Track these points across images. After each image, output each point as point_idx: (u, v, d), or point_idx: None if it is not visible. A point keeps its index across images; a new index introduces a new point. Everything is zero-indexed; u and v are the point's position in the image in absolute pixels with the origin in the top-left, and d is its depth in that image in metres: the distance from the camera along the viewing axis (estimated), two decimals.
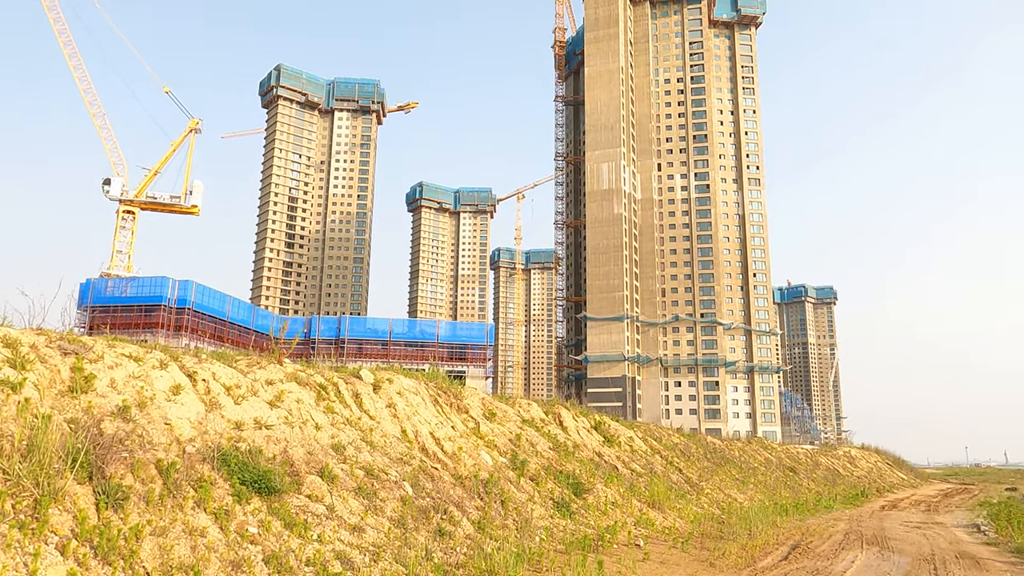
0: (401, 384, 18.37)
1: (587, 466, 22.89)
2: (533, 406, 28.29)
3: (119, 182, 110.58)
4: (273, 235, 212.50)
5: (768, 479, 43.60)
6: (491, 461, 17.45)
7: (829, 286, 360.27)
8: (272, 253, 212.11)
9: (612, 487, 22.81)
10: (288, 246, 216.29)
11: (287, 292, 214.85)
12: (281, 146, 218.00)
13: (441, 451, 16.51)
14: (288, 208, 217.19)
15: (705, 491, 31.11)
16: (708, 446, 43.48)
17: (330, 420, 15.14)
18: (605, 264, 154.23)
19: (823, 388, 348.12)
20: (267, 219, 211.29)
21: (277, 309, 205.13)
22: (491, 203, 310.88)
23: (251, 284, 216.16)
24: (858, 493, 53.50)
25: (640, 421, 43.95)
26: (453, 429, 18.35)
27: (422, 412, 17.62)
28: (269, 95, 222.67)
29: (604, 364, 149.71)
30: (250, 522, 11.02)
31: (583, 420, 30.59)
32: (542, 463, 20.58)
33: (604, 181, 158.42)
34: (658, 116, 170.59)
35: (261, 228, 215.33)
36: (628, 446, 31.02)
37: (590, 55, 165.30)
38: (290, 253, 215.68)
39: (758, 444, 57.65)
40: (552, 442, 24.40)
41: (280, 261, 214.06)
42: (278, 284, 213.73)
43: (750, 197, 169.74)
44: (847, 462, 79.12)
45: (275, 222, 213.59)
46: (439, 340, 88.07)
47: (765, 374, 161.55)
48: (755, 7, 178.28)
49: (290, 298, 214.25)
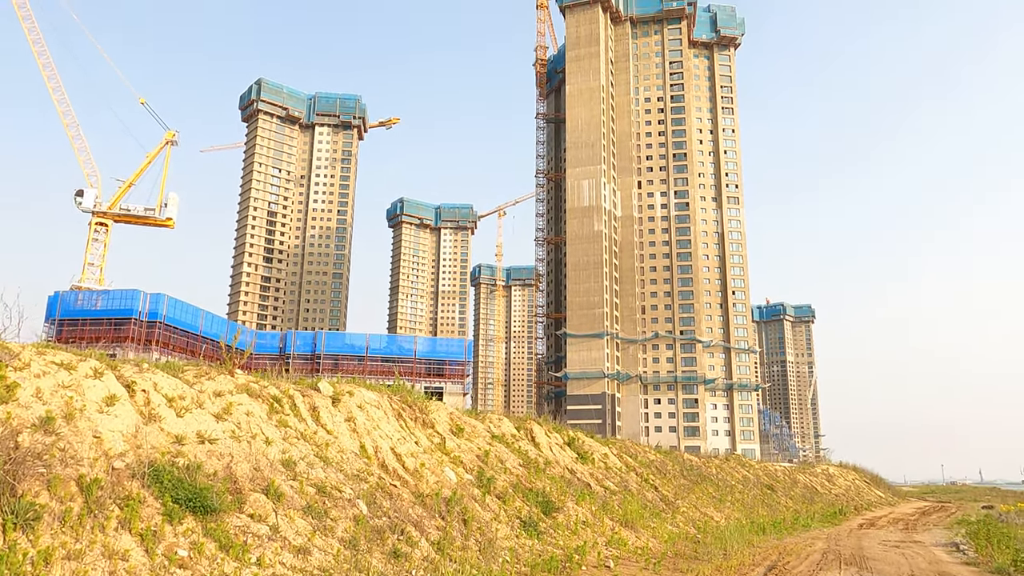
0: (362, 397, 17.52)
1: (558, 483, 22.12)
2: (504, 421, 27.50)
3: (92, 194, 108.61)
4: (251, 250, 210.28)
5: (746, 497, 42.97)
6: (455, 478, 16.65)
7: (807, 304, 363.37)
8: (250, 268, 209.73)
9: (584, 505, 22.06)
10: (266, 261, 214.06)
11: (264, 307, 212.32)
12: (261, 160, 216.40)
13: (402, 467, 15.67)
14: (267, 223, 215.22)
15: (681, 510, 30.37)
16: (685, 463, 42.78)
17: (282, 434, 14.29)
18: (585, 281, 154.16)
19: (801, 406, 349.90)
20: (245, 233, 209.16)
21: (254, 324, 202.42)
22: (472, 219, 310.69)
23: (228, 299, 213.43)
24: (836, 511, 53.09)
25: (617, 438, 43.21)
26: (416, 444, 17.51)
27: (383, 426, 16.79)
28: (249, 109, 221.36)
29: (584, 381, 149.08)
30: (180, 544, 10.15)
31: (556, 436, 29.80)
32: (511, 480, 19.77)
33: (584, 198, 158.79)
34: (638, 134, 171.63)
35: (239, 243, 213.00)
36: (602, 463, 30.27)
37: (571, 73, 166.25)
38: (268, 268, 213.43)
39: (736, 462, 57.10)
40: (523, 458, 23.62)
41: (258, 276, 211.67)
42: (255, 299, 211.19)
43: (729, 215, 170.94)
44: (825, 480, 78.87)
45: (253, 236, 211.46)
46: (417, 356, 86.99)
47: (744, 392, 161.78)
48: (734, 28, 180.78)
49: (267, 313, 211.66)
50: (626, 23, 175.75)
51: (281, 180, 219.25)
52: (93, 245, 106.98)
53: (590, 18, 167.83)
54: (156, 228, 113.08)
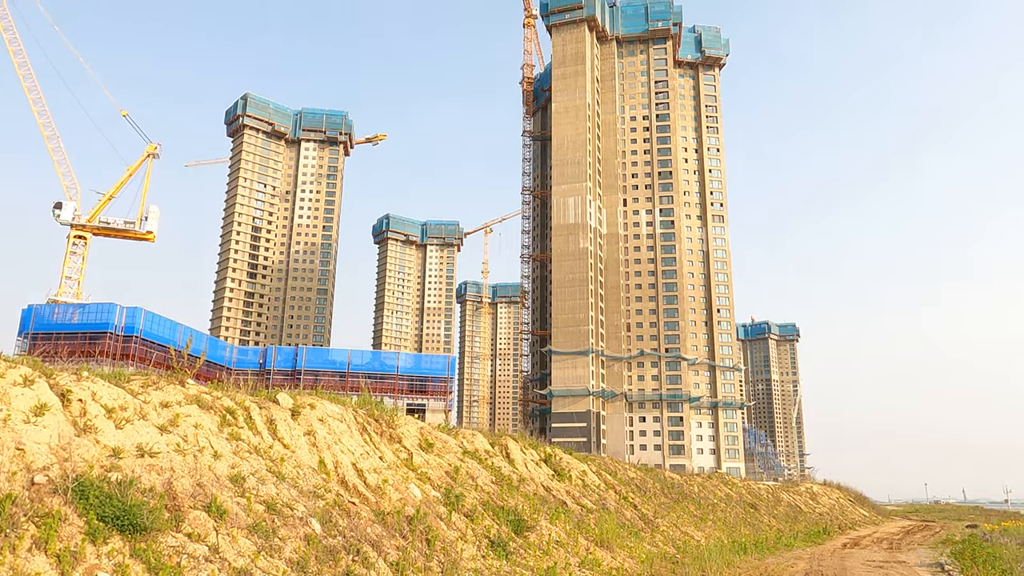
0: (325, 410, 16.71)
1: (532, 501, 21.33)
2: (478, 437, 26.78)
3: (71, 206, 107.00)
4: (235, 265, 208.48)
5: (728, 516, 42.19)
6: (420, 495, 15.85)
7: (792, 323, 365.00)
8: (233, 283, 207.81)
9: (558, 524, 21.26)
10: (250, 276, 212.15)
11: (248, 323, 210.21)
12: (246, 175, 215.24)
13: (363, 484, 14.86)
14: (251, 238, 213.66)
15: (660, 528, 29.57)
16: (666, 481, 41.97)
17: (233, 448, 13.47)
18: (570, 298, 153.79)
19: (787, 424, 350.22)
20: (229, 248, 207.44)
21: (237, 340, 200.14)
22: (458, 236, 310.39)
23: (211, 314, 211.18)
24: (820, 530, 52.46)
25: (597, 455, 42.36)
26: (381, 460, 16.68)
27: (346, 441, 15.98)
28: (235, 124, 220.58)
29: (569, 399, 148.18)
30: (103, 566, 9.31)
31: (532, 452, 28.97)
32: (481, 498, 18.96)
33: (570, 215, 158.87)
34: (624, 152, 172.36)
35: (223, 258, 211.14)
36: (580, 480, 29.46)
37: (557, 91, 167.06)
38: (252, 283, 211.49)
39: (718, 480, 56.37)
40: (495, 475, 22.82)
41: (242, 291, 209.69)
42: (239, 315, 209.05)
43: (714, 234, 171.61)
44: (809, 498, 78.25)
45: (237, 252, 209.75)
46: (399, 372, 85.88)
47: (729, 410, 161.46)
48: (719, 49, 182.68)
49: (251, 329, 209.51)
50: (612, 42, 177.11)
51: (266, 195, 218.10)
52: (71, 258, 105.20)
53: (576, 37, 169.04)
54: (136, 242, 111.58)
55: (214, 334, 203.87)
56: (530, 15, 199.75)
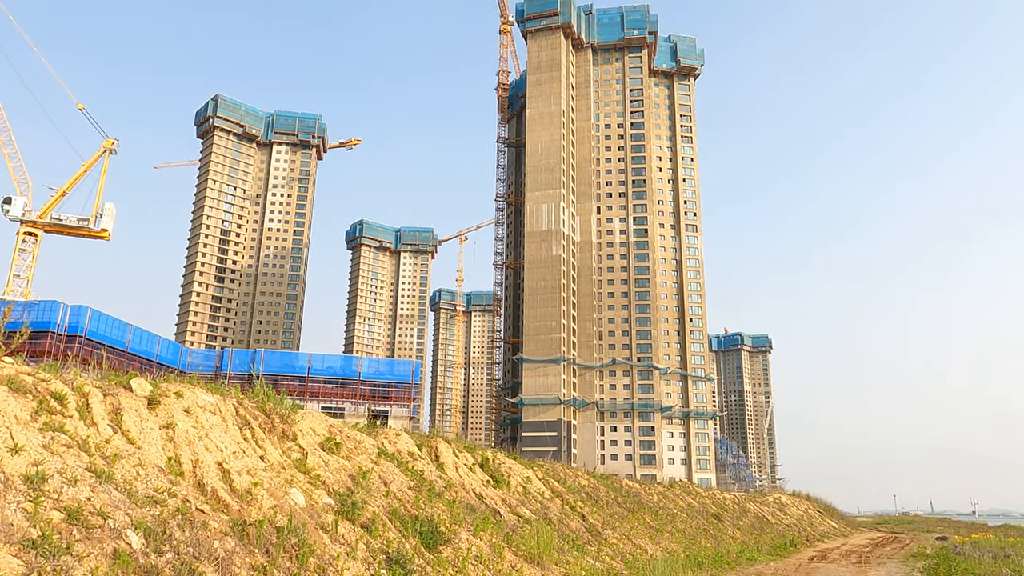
0: (195, 400, 14.11)
1: (457, 510, 18.86)
2: (403, 438, 24.24)
3: (21, 201, 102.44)
4: (203, 268, 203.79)
5: (688, 527, 39.83)
6: (304, 502, 13.33)
7: (764, 335, 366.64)
8: (200, 287, 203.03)
9: (483, 536, 18.95)
10: (218, 280, 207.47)
11: (215, 327, 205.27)
12: (215, 177, 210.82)
13: (227, 488, 12.28)
14: (220, 241, 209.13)
15: (609, 541, 27.14)
16: (622, 490, 39.54)
17: (45, 441, 10.88)
18: (543, 305, 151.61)
19: (758, 436, 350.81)
20: (197, 252, 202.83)
21: (204, 345, 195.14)
22: (432, 243, 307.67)
23: (177, 318, 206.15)
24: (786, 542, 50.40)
25: (546, 461, 39.88)
26: (262, 460, 14.11)
27: (216, 437, 13.41)
28: (205, 125, 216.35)
29: (540, 407, 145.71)
30: None
31: (466, 456, 26.56)
32: (389, 506, 16.48)
33: (544, 222, 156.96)
34: (598, 160, 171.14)
35: (190, 261, 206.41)
36: (521, 488, 26.95)
37: (532, 97, 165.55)
38: (220, 287, 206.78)
39: (681, 489, 54.10)
40: (416, 480, 20.52)
41: (209, 296, 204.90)
42: (205, 319, 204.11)
43: (687, 243, 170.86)
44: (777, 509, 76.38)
45: (205, 255, 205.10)
46: (361, 377, 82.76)
47: (700, 420, 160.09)
48: (694, 59, 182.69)
49: (218, 334, 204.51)
50: (588, 50, 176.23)
51: (236, 198, 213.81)
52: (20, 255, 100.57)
53: (552, 43, 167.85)
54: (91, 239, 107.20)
55: (180, 339, 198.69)
56: (506, 21, 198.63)
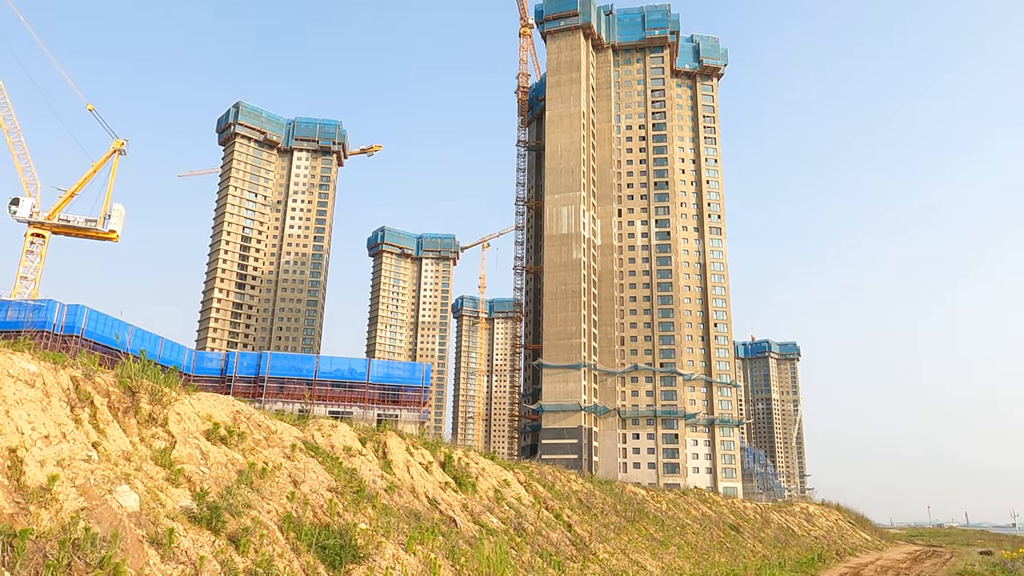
0: (6, 367, 11.42)
1: (392, 518, 15.93)
2: (341, 429, 21.03)
3: (29, 202, 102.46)
4: (224, 275, 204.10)
5: (700, 540, 36.41)
6: (135, 504, 10.50)
7: (792, 342, 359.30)
8: (221, 293, 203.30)
9: (418, 551, 15.68)
10: (239, 287, 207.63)
11: (236, 334, 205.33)
12: (236, 184, 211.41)
13: (14, 483, 9.65)
14: (241, 247, 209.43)
15: (600, 556, 23.96)
16: (622, 496, 36.14)
17: None
18: (563, 310, 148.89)
19: (787, 445, 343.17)
20: (218, 258, 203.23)
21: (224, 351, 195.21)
22: (454, 250, 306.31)
23: (198, 324, 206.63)
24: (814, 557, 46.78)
25: (528, 462, 36.84)
26: (94, 448, 11.60)
27: (22, 414, 10.59)
28: (226, 132, 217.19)
29: (560, 414, 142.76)
30: None
31: (424, 454, 23.57)
32: (288, 512, 13.86)
33: (563, 225, 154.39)
34: (619, 162, 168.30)
35: (211, 267, 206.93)
36: (492, 492, 24.40)
37: (552, 99, 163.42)
38: (240, 294, 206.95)
39: (695, 496, 50.66)
40: (345, 480, 17.39)
41: (230, 302, 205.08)
42: (226, 325, 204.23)
43: (711, 246, 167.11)
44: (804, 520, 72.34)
45: (226, 261, 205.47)
46: (370, 381, 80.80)
47: (726, 428, 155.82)
48: (717, 59, 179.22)
49: (238, 340, 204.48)
50: (608, 50, 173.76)
51: (257, 205, 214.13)
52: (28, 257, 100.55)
53: (572, 44, 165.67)
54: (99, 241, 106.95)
55: (200, 345, 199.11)
56: (526, 24, 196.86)
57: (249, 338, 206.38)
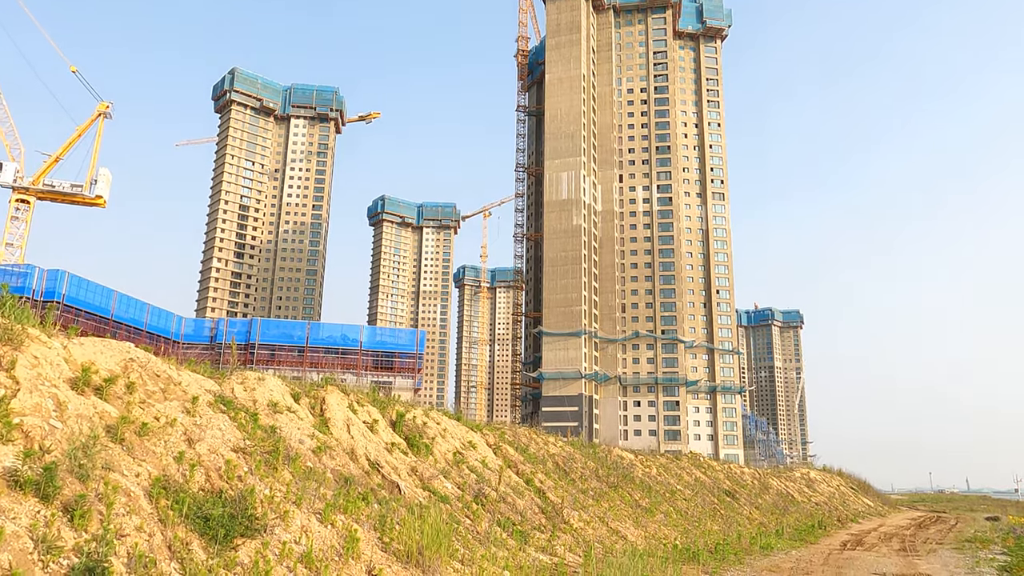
0: None
1: (320, 483, 14.52)
2: (269, 383, 18.91)
3: (12, 167, 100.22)
4: (222, 244, 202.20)
5: (691, 506, 34.62)
6: None
7: (796, 310, 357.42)
8: (220, 263, 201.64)
9: (335, 522, 13.68)
10: (238, 256, 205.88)
11: (235, 303, 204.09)
12: (233, 152, 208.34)
13: None
14: (239, 216, 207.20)
15: (572, 525, 22.28)
16: (605, 460, 33.86)
17: None
18: (563, 277, 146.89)
19: (789, 412, 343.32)
20: (216, 227, 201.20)
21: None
22: (455, 219, 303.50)
23: (197, 294, 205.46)
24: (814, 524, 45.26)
25: (499, 423, 34.87)
26: None
27: None
28: (222, 100, 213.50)
29: (560, 382, 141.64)
30: None
31: (370, 411, 21.30)
32: (166, 474, 11.82)
33: (563, 191, 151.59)
34: (620, 126, 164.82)
35: (209, 237, 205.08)
36: (452, 455, 22.37)
37: (551, 62, 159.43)
38: (239, 263, 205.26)
39: (689, 461, 48.94)
40: (260, 440, 15.10)
41: (228, 272, 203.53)
42: (225, 295, 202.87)
43: (714, 212, 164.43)
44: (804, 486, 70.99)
45: (224, 231, 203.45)
46: (363, 347, 79.30)
47: (728, 395, 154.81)
48: (720, 20, 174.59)
49: (238, 310, 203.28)
50: (609, 11, 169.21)
51: (254, 173, 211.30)
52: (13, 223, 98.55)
53: (572, 5, 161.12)
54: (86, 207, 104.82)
55: (200, 315, 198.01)
56: None
57: (248, 307, 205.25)
